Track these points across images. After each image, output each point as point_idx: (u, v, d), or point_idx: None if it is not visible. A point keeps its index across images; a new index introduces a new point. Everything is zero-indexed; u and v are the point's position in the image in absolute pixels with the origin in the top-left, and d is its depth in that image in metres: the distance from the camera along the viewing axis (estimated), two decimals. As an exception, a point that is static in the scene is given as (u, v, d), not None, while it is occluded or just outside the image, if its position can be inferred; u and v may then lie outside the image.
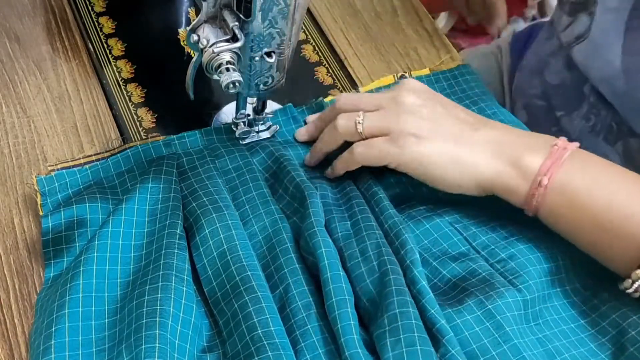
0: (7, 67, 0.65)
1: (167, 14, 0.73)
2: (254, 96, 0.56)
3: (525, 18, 1.50)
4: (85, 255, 0.49)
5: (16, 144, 0.60)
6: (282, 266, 0.49)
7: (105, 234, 0.50)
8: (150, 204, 0.53)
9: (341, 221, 0.53)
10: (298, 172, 0.55)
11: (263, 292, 0.47)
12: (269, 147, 0.58)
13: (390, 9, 0.76)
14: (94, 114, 0.63)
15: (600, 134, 0.68)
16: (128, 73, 0.66)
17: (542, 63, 0.76)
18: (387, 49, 0.72)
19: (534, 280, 0.50)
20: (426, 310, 0.46)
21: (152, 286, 0.46)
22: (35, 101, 0.63)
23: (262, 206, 0.53)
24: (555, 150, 0.50)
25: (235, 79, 0.49)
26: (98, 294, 0.48)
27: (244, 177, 0.56)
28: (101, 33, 0.69)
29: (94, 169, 0.57)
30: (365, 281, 0.48)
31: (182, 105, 0.64)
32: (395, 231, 0.51)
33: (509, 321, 0.47)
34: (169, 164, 0.55)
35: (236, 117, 0.59)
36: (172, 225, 0.50)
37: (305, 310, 0.47)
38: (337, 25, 0.74)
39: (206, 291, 0.49)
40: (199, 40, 0.49)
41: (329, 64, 0.70)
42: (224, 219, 0.50)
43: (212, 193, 0.53)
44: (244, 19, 0.49)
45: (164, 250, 0.49)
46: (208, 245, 0.50)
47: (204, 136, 0.60)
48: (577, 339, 0.50)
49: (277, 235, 0.51)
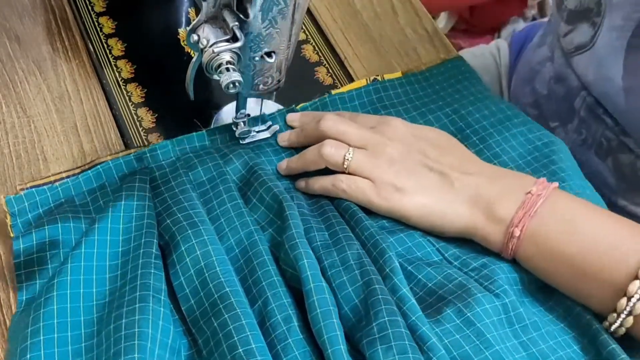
0: (7, 67, 0.65)
1: (167, 14, 0.73)
2: (254, 96, 0.56)
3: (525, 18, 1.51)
4: (58, 278, 0.48)
5: (16, 144, 0.60)
6: (260, 279, 0.49)
7: (78, 255, 0.49)
8: (124, 222, 0.51)
9: (319, 231, 0.53)
10: (275, 183, 0.54)
11: (242, 308, 0.46)
12: (243, 155, 0.57)
13: (390, 9, 0.76)
14: (94, 114, 0.63)
15: (592, 148, 0.68)
16: (128, 73, 0.66)
17: (532, 72, 0.76)
18: (387, 49, 0.72)
19: (510, 286, 0.50)
20: (407, 316, 0.46)
21: (129, 308, 0.45)
22: (35, 101, 0.63)
23: (237, 218, 0.52)
24: (529, 198, 0.51)
25: (235, 79, 0.49)
26: (74, 317, 0.47)
27: (218, 188, 0.55)
28: (101, 33, 0.69)
29: (65, 187, 0.55)
30: (348, 289, 0.48)
31: (182, 105, 0.64)
32: (372, 241, 0.51)
33: (489, 327, 0.47)
34: (141, 179, 0.54)
35: (236, 117, 0.59)
36: (147, 244, 0.49)
37: (285, 323, 0.46)
38: (337, 25, 0.74)
39: (184, 309, 0.48)
40: (199, 40, 0.49)
41: (329, 64, 0.70)
42: (200, 235, 0.49)
43: (186, 208, 0.52)
44: (244, 19, 0.49)
45: (140, 270, 0.48)
46: (185, 263, 0.49)
47: (175, 146, 0.59)
48: (563, 340, 0.50)
49: (254, 248, 0.50)
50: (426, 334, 0.45)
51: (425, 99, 0.65)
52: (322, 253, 0.51)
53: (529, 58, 0.79)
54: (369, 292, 0.47)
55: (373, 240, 0.51)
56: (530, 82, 0.76)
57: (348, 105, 0.64)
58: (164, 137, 0.62)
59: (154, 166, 0.57)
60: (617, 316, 0.47)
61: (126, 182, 0.54)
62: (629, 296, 0.46)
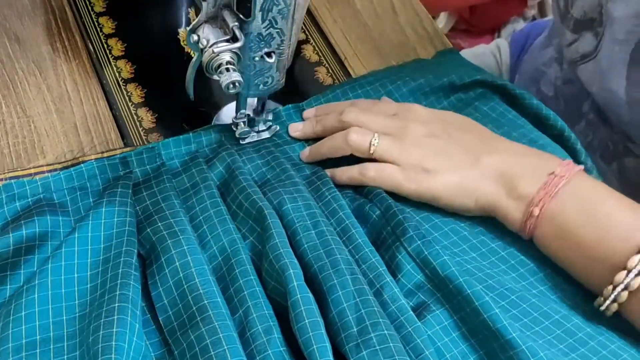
0: (7, 67, 0.65)
1: (167, 14, 0.73)
2: (254, 96, 0.56)
3: (525, 18, 1.51)
4: (38, 294, 0.46)
5: (16, 144, 0.60)
6: (241, 288, 0.48)
7: (58, 268, 0.48)
8: (105, 229, 0.51)
9: (305, 231, 0.51)
10: (254, 189, 0.53)
11: (221, 321, 0.45)
12: (227, 159, 0.56)
13: (390, 8, 0.76)
14: (94, 114, 0.63)
15: (597, 151, 0.68)
16: (128, 73, 0.66)
17: (538, 72, 0.76)
18: (387, 49, 0.72)
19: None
20: (404, 327, 0.47)
21: (107, 319, 0.44)
22: (35, 101, 0.63)
23: (220, 225, 0.52)
24: (551, 179, 0.51)
25: (235, 79, 0.49)
26: (56, 332, 0.46)
27: (201, 194, 0.54)
28: (101, 33, 0.69)
29: (45, 181, 0.54)
30: (338, 293, 0.47)
31: (182, 105, 0.64)
32: (361, 254, 0.51)
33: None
34: (124, 184, 0.53)
35: (236, 117, 0.59)
36: (128, 253, 0.49)
37: (265, 334, 0.45)
38: (337, 25, 0.74)
39: (161, 319, 0.47)
40: (199, 40, 0.49)
41: (329, 64, 0.70)
42: (179, 245, 0.49)
43: (167, 217, 0.51)
44: (244, 19, 0.49)
45: (119, 280, 0.47)
46: (164, 274, 0.48)
47: (161, 149, 0.58)
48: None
49: (236, 256, 0.50)
50: (420, 346, 0.45)
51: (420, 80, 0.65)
52: (310, 257, 0.50)
53: (534, 58, 0.79)
54: (363, 302, 0.46)
55: (362, 252, 0.51)
56: (536, 83, 0.76)
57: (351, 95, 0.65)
58: (164, 137, 0.62)
59: (137, 170, 0.56)
60: (612, 289, 0.47)
61: (108, 188, 0.53)
62: (628, 269, 0.46)
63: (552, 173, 0.51)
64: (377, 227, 0.54)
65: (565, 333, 0.48)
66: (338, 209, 0.54)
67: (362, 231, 0.52)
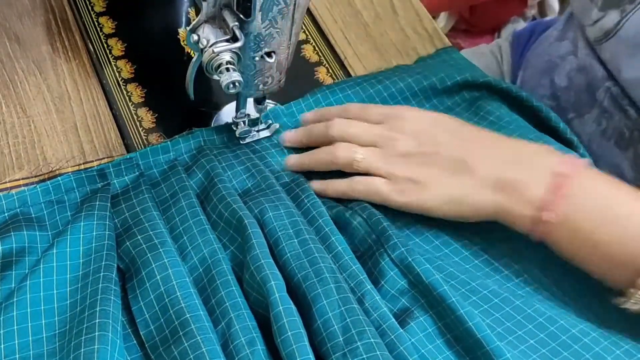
0: (7, 67, 0.65)
1: (167, 14, 0.73)
2: (254, 96, 0.56)
3: (525, 18, 1.51)
4: (17, 311, 0.46)
5: (16, 144, 0.60)
6: (223, 300, 0.47)
7: (36, 285, 0.47)
8: (84, 244, 0.50)
9: (288, 240, 0.51)
10: (234, 197, 0.53)
11: (204, 334, 0.44)
12: (206, 166, 0.56)
13: (390, 8, 0.76)
14: (94, 114, 0.63)
15: (612, 139, 0.67)
16: (128, 73, 0.66)
17: (552, 64, 0.75)
18: (387, 49, 0.72)
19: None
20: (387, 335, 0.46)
21: (88, 336, 0.44)
22: (35, 101, 0.63)
23: (200, 235, 0.51)
24: (559, 180, 0.49)
25: (235, 79, 0.49)
26: (36, 350, 0.45)
27: (180, 204, 0.53)
28: (101, 33, 0.69)
29: (21, 195, 0.53)
30: (322, 302, 0.47)
31: (182, 105, 0.64)
32: (342, 262, 0.51)
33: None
34: (102, 197, 0.53)
35: (236, 117, 0.59)
36: (107, 268, 0.48)
37: (249, 346, 0.45)
38: (337, 25, 0.74)
39: (142, 334, 0.46)
40: (199, 40, 0.49)
41: (329, 64, 0.70)
42: (160, 258, 0.48)
43: (146, 229, 0.50)
44: (244, 19, 0.49)
45: (99, 296, 0.46)
46: (145, 288, 0.47)
47: (140, 159, 0.58)
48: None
49: (217, 267, 0.49)
50: (403, 354, 0.45)
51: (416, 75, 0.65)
52: (294, 266, 0.49)
53: (546, 51, 0.78)
54: (348, 310, 0.46)
55: (343, 261, 0.51)
56: (549, 74, 0.75)
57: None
58: (164, 137, 0.62)
59: (116, 182, 0.56)
60: (636, 291, 0.47)
61: (86, 202, 0.53)
62: None
63: (558, 173, 0.49)
64: (359, 234, 0.53)
65: (549, 337, 0.48)
66: (317, 216, 0.53)
67: (342, 239, 0.52)
